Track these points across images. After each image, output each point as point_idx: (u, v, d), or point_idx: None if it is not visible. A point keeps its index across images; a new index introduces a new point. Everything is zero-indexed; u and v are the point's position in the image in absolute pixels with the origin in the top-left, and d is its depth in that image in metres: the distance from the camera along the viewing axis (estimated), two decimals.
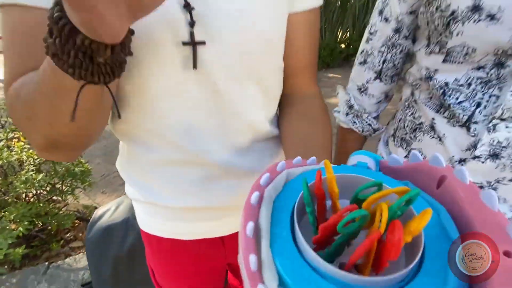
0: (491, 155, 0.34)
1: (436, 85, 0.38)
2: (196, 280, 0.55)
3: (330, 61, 4.04)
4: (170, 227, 0.47)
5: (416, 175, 0.21)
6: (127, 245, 0.89)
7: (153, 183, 0.42)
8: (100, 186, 2.24)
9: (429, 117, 0.41)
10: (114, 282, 0.89)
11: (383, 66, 0.49)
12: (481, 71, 0.34)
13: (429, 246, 0.16)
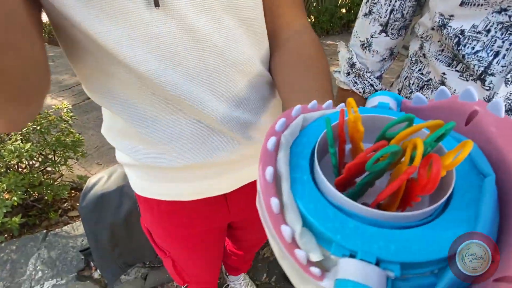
0: (507, 111, 0.32)
1: (450, 34, 0.34)
2: (197, 239, 0.54)
3: (330, 27, 3.84)
4: (169, 189, 0.44)
5: (441, 114, 0.19)
6: (123, 212, 0.89)
7: (144, 143, 0.39)
8: (94, 157, 2.22)
9: (439, 72, 0.37)
10: (112, 247, 0.91)
11: (390, 16, 0.44)
12: (503, 14, 0.30)
13: (458, 182, 0.15)
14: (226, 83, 0.35)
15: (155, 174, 0.43)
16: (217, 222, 0.54)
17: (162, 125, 0.36)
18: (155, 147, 0.39)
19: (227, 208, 0.51)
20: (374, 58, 0.48)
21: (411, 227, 0.14)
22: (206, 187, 0.45)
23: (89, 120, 2.62)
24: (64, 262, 1.01)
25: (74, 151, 1.43)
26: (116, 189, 0.92)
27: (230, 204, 0.51)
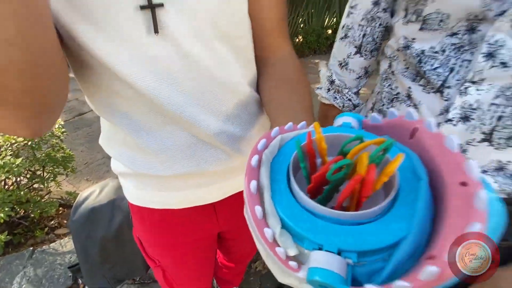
0: (462, 118, 0.36)
1: (413, 54, 0.40)
2: (188, 248, 0.56)
3: (317, 47, 4.03)
4: (161, 197, 0.47)
5: (393, 129, 0.23)
6: (115, 225, 0.89)
7: (140, 152, 0.42)
8: (84, 174, 2.19)
9: (405, 86, 0.42)
10: (102, 262, 0.89)
11: (363, 40, 0.49)
12: (454, 37, 0.36)
13: (403, 186, 0.19)
14: (218, 101, 0.39)
15: (148, 182, 0.45)
16: (207, 231, 0.55)
17: (157, 136, 0.39)
18: (149, 156, 0.41)
19: (216, 217, 0.53)
20: (351, 76, 0.54)
21: (365, 223, 0.18)
22: (196, 196, 0.47)
23: (79, 136, 2.60)
24: (51, 280, 0.98)
25: (64, 167, 1.42)
26: (108, 203, 0.92)
27: (218, 213, 0.53)
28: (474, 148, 0.38)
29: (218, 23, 0.34)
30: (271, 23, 0.41)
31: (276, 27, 0.41)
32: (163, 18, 0.31)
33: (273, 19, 0.40)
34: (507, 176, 0.38)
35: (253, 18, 0.39)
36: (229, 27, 0.36)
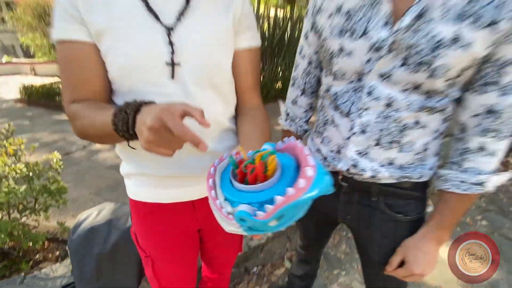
0: (361, 132, 0.58)
1: (331, 94, 0.63)
2: (173, 240, 0.69)
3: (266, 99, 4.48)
4: (154, 193, 0.63)
5: (289, 148, 0.44)
6: (111, 242, 0.99)
7: (146, 158, 0.59)
8: (70, 210, 2.21)
9: (330, 114, 0.65)
10: (97, 278, 0.97)
11: (305, 86, 0.74)
12: (351, 84, 0.60)
13: (285, 173, 0.38)
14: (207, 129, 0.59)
15: (146, 180, 0.62)
16: (187, 224, 0.70)
17: None
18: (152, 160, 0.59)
19: (195, 213, 0.69)
20: (300, 110, 0.77)
21: (261, 190, 0.36)
22: (179, 194, 0.64)
23: (67, 174, 2.65)
24: None
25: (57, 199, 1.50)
26: (105, 223, 1.04)
27: (197, 210, 0.68)
28: (372, 150, 0.59)
29: (211, 77, 0.56)
30: (247, 85, 0.64)
31: (250, 87, 0.64)
32: (178, 70, 0.53)
33: (248, 83, 0.64)
34: (395, 168, 0.59)
35: (235, 80, 0.62)
36: (218, 80, 0.58)
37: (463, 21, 0.43)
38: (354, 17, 0.53)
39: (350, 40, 0.54)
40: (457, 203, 0.56)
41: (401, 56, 0.49)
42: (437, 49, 0.45)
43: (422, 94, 0.51)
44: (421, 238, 0.60)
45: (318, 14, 0.60)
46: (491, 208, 1.86)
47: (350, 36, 0.53)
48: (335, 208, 0.70)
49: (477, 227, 1.70)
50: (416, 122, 0.54)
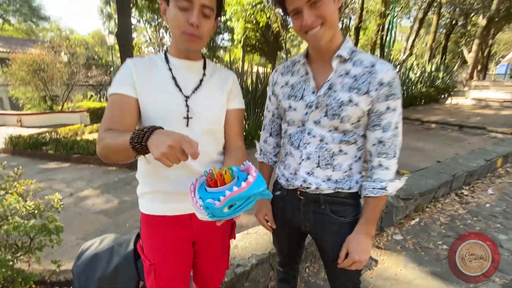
0: (307, 158, 0.86)
1: (288, 135, 0.92)
2: (172, 249, 0.87)
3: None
4: (161, 207, 0.85)
5: (246, 169, 0.68)
6: (112, 266, 1.12)
7: (157, 179, 0.83)
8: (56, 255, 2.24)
9: (288, 148, 0.93)
10: None
11: (271, 130, 1.03)
12: (298, 127, 0.89)
13: (239, 182, 0.60)
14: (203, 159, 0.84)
15: (155, 197, 0.85)
16: (185, 235, 0.89)
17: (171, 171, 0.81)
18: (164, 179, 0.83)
19: (191, 225, 0.89)
20: (269, 147, 1.05)
21: (221, 191, 0.59)
22: (180, 207, 0.86)
23: None
24: None
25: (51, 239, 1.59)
26: (107, 249, 1.18)
27: (193, 222, 0.88)
28: (316, 170, 0.86)
29: (211, 127, 0.85)
30: (233, 133, 0.92)
31: (235, 134, 0.93)
32: (190, 122, 0.81)
33: (234, 131, 0.92)
34: (332, 182, 0.85)
35: (225, 129, 0.91)
36: (214, 128, 0.87)
37: (352, 91, 0.76)
38: (295, 88, 0.86)
39: (294, 102, 0.86)
40: (374, 204, 0.82)
41: (324, 111, 0.80)
42: (341, 106, 0.77)
43: (340, 132, 0.81)
44: (356, 233, 0.84)
45: (275, 86, 0.93)
46: (450, 234, 2.10)
47: (294, 99, 0.86)
48: (298, 218, 0.93)
49: (438, 251, 1.91)
50: (340, 150, 0.83)
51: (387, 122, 0.77)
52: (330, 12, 0.72)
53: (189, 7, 0.72)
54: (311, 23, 0.72)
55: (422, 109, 7.08)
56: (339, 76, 0.78)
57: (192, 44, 0.77)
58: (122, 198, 3.46)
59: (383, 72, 0.74)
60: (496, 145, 3.72)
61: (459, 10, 14.92)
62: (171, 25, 0.76)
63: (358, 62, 0.77)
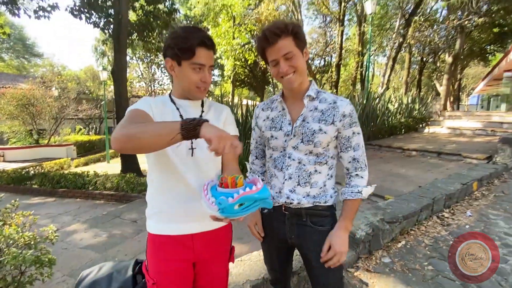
0: (289, 178, 1.00)
1: (272, 159, 1.07)
2: (173, 268, 0.94)
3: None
4: (167, 228, 0.94)
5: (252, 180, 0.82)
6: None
7: (165, 198, 0.93)
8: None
9: (273, 170, 1.07)
10: None
11: (257, 154, 1.19)
12: (281, 152, 1.04)
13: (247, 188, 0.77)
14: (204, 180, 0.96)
15: (161, 217, 0.94)
16: (186, 255, 0.96)
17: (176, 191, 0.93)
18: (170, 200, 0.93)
19: (193, 245, 0.97)
20: (257, 167, 1.21)
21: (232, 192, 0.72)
22: (184, 228, 0.95)
23: None
24: None
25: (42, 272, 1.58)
26: (106, 276, 1.22)
27: (195, 242, 0.97)
28: (297, 188, 1.00)
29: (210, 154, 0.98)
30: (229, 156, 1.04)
31: (231, 159, 1.05)
32: (195, 152, 0.94)
33: (230, 156, 1.04)
34: (310, 197, 1.00)
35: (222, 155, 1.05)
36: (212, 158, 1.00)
37: (321, 122, 0.95)
38: (275, 121, 1.05)
39: (275, 132, 1.04)
40: (352, 205, 0.98)
41: (300, 138, 0.98)
42: (313, 134, 0.95)
43: (314, 155, 0.98)
44: (337, 229, 0.99)
45: (257, 119, 1.12)
46: (434, 255, 2.20)
47: (275, 130, 1.04)
48: (284, 231, 1.06)
49: (425, 271, 1.99)
50: (315, 170, 0.99)
51: (355, 143, 0.98)
52: (300, 63, 0.93)
53: (203, 68, 0.92)
54: (286, 71, 0.93)
55: (403, 138, 7.51)
56: (310, 110, 0.99)
57: (202, 94, 0.97)
58: (111, 232, 3.39)
59: (343, 107, 0.96)
60: (471, 170, 3.99)
61: (428, 49, 16.56)
62: (184, 80, 0.93)
63: (323, 99, 0.99)
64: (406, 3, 11.82)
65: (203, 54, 0.90)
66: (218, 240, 1.03)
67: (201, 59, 0.90)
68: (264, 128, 1.08)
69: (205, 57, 0.91)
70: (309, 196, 1.00)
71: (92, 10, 6.44)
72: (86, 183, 5.76)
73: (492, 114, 9.23)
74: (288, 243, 1.08)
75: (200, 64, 0.90)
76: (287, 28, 0.89)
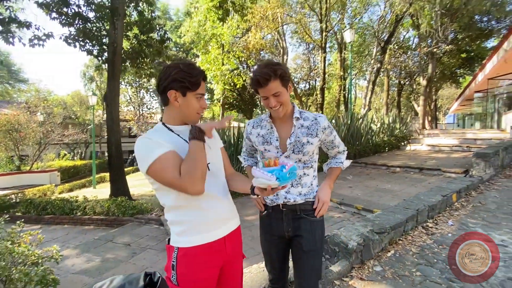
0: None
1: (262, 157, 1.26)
2: (205, 278, 1.03)
3: None
4: (201, 238, 1.04)
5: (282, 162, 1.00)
6: None
7: (195, 211, 1.05)
8: None
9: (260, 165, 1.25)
10: None
11: (247, 152, 1.42)
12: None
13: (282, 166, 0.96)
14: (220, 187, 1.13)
15: (192, 230, 1.04)
16: (218, 260, 1.07)
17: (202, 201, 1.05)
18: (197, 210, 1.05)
19: (225, 248, 1.09)
20: (249, 160, 1.44)
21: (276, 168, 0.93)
22: (216, 233, 1.07)
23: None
24: None
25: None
26: (119, 287, 1.29)
27: (226, 245, 1.10)
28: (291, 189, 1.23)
29: (220, 164, 1.17)
30: (227, 162, 1.24)
31: (228, 166, 1.24)
32: (210, 166, 1.09)
33: (226, 161, 1.24)
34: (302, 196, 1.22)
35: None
36: (220, 166, 1.18)
37: (308, 136, 1.18)
38: (265, 137, 1.27)
39: (268, 146, 1.26)
40: (335, 171, 1.27)
41: (291, 149, 1.20)
42: (303, 146, 1.18)
43: (302, 162, 1.21)
44: (322, 186, 1.25)
45: (250, 135, 1.34)
46: (421, 261, 2.35)
47: (267, 144, 1.26)
48: (282, 226, 1.25)
49: (413, 277, 2.13)
50: (304, 173, 1.22)
51: (337, 141, 1.28)
52: (285, 98, 1.18)
53: (202, 97, 1.12)
54: (274, 105, 1.18)
55: (387, 155, 7.89)
56: (298, 128, 1.23)
57: (198, 118, 1.14)
58: (104, 256, 3.33)
59: (322, 122, 1.23)
60: (450, 183, 4.27)
61: (404, 73, 17.84)
62: (189, 108, 1.08)
63: (306, 118, 1.25)
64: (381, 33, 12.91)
65: (203, 86, 1.09)
66: (239, 237, 1.19)
67: (203, 90, 1.09)
68: (257, 143, 1.32)
69: (204, 88, 1.11)
70: (301, 195, 1.23)
71: (87, 39, 6.69)
72: (75, 208, 5.61)
73: (466, 132, 9.90)
74: (285, 238, 1.27)
75: (201, 94, 1.09)
76: (276, 73, 1.12)
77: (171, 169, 0.94)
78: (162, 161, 0.95)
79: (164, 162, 0.95)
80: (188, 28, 14.72)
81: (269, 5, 12.23)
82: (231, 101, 22.03)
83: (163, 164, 0.95)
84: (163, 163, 0.95)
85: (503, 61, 8.70)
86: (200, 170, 0.95)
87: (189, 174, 0.93)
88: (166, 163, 0.95)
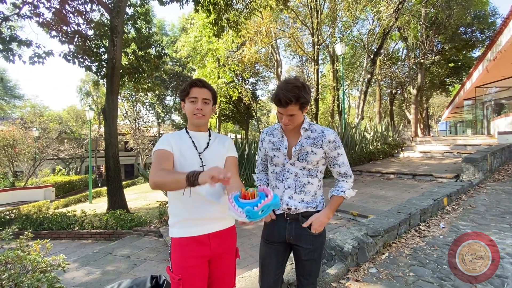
0: (288, 188, 1.30)
1: (274, 173, 1.36)
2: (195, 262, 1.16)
3: None
4: (189, 231, 1.18)
5: (263, 189, 1.10)
6: None
7: (187, 208, 1.17)
8: None
9: (274, 183, 1.35)
10: None
11: (262, 167, 1.50)
12: (281, 168, 1.34)
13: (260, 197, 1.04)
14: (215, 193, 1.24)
15: (183, 223, 1.18)
16: (204, 251, 1.19)
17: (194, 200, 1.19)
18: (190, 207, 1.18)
19: (209, 243, 1.21)
20: (263, 176, 1.50)
21: (251, 202, 0.99)
22: (202, 229, 1.19)
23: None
24: None
25: None
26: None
27: (211, 241, 1.21)
28: (294, 195, 1.29)
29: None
30: (234, 173, 1.34)
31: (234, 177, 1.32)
32: (205, 169, 1.22)
33: (235, 171, 1.35)
34: (304, 203, 1.29)
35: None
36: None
37: (313, 145, 1.28)
38: (276, 145, 1.36)
39: (276, 152, 1.35)
40: (336, 200, 1.29)
41: (297, 157, 1.29)
42: (307, 155, 1.27)
43: (307, 170, 1.29)
44: (320, 214, 1.28)
45: (263, 141, 1.43)
46: (414, 263, 2.45)
47: (276, 151, 1.35)
48: (284, 233, 1.32)
49: (407, 277, 2.22)
50: (308, 182, 1.29)
51: (341, 161, 1.31)
52: (298, 119, 1.28)
53: (196, 101, 1.26)
54: (286, 123, 1.28)
55: (381, 163, 8.05)
56: (305, 138, 1.32)
57: (199, 120, 1.28)
58: (104, 268, 3.34)
59: (329, 135, 1.30)
60: (441, 187, 4.41)
61: (395, 83, 18.36)
62: (187, 111, 1.29)
63: (314, 130, 1.33)
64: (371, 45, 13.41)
65: (195, 91, 1.26)
66: (227, 237, 1.28)
67: (194, 94, 1.26)
68: (268, 149, 1.41)
69: (197, 93, 1.26)
70: (303, 202, 1.30)
71: (86, 56, 6.87)
72: (72, 222, 5.60)
73: (457, 138, 10.18)
74: (286, 243, 1.34)
75: (194, 97, 1.25)
76: (298, 100, 1.19)
77: (156, 161, 1.18)
78: (157, 153, 1.21)
79: (156, 154, 1.21)
80: (184, 43, 15.11)
81: (262, 21, 12.69)
82: (227, 113, 22.27)
83: (155, 155, 1.21)
84: (155, 155, 1.21)
85: (486, 71, 9.11)
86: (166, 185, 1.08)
87: (158, 176, 1.08)
88: (157, 156, 1.20)
